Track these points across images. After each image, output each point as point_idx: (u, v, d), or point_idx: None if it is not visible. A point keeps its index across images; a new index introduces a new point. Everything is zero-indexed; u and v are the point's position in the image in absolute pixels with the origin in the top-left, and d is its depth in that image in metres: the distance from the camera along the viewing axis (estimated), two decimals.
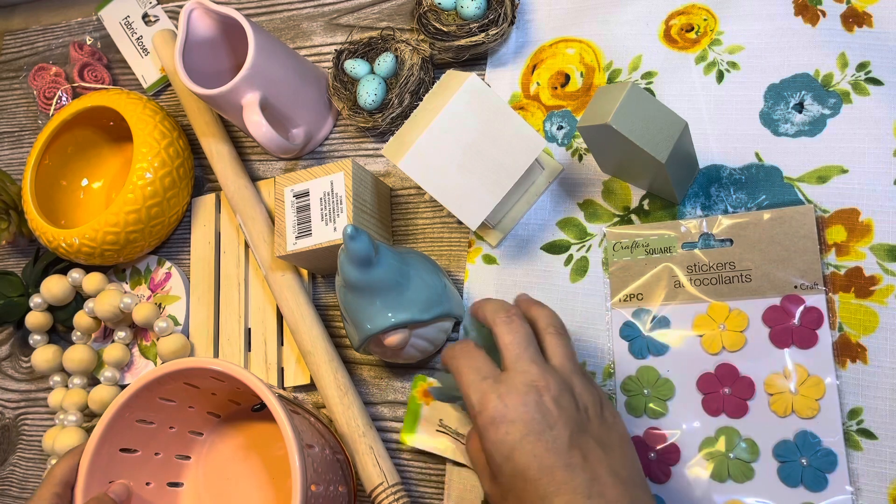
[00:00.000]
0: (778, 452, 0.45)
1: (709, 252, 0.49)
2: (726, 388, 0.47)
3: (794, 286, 0.47)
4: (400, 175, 0.62)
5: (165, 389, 0.52)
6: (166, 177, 0.62)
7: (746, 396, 0.46)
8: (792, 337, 0.46)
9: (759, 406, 0.46)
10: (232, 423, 0.59)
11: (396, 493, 0.52)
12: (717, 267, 0.49)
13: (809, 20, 0.52)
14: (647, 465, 0.48)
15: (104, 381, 0.64)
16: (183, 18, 0.58)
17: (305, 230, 0.55)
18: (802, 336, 0.46)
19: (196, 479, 0.57)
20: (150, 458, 0.54)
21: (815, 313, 0.46)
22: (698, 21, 0.55)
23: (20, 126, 0.80)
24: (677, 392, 0.48)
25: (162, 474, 0.55)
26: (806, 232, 0.47)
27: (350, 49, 0.63)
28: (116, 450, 0.51)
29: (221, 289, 0.64)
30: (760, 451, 0.46)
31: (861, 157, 0.48)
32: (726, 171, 0.51)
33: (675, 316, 0.49)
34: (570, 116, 0.57)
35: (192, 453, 0.58)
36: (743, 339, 0.47)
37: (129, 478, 0.52)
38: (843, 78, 0.50)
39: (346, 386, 0.56)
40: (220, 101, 0.58)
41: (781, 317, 0.47)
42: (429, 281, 0.50)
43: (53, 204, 0.68)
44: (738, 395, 0.47)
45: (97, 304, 0.63)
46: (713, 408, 0.47)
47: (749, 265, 0.48)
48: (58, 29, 0.81)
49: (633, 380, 0.49)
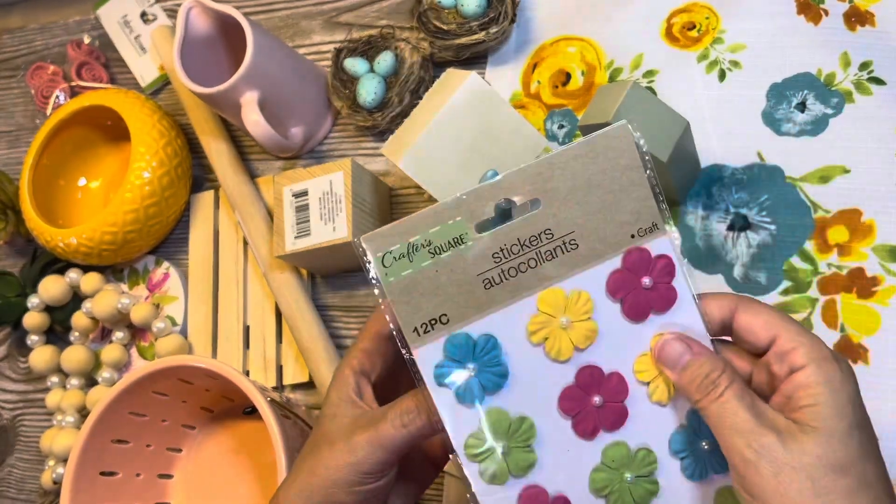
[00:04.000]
0: (676, 448, 0.36)
1: (514, 226, 0.35)
2: (595, 396, 0.36)
3: (632, 235, 0.36)
4: (400, 174, 0.62)
5: (159, 384, 0.52)
6: (164, 176, 0.62)
7: (621, 397, 0.36)
8: (649, 303, 0.36)
9: (638, 403, 0.36)
10: (225, 419, 0.59)
11: None
12: (531, 242, 0.35)
13: (812, 19, 0.51)
14: None
15: (102, 381, 0.64)
16: (181, 17, 0.58)
17: (304, 230, 0.55)
18: (659, 297, 0.36)
19: (186, 472, 0.58)
20: (141, 449, 0.55)
21: (664, 263, 0.36)
22: (700, 19, 0.54)
23: (18, 125, 0.80)
24: (539, 428, 0.36)
25: (153, 466, 0.56)
26: (628, 161, 0.35)
27: (349, 47, 0.63)
28: (108, 440, 0.52)
29: (220, 286, 0.63)
30: (658, 458, 0.36)
31: (864, 157, 0.48)
32: (728, 170, 0.51)
33: (500, 328, 0.36)
34: (571, 115, 0.56)
35: (183, 446, 0.58)
36: (594, 328, 0.36)
37: (120, 468, 0.53)
38: (845, 77, 0.50)
39: None
40: (218, 100, 0.57)
41: (629, 280, 0.36)
42: None
43: (51, 204, 0.67)
44: (610, 399, 0.36)
45: (95, 305, 0.63)
46: (587, 429, 0.36)
47: (570, 227, 0.35)
48: (55, 28, 0.81)
49: (477, 436, 0.35)
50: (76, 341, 0.66)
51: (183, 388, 0.54)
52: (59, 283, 0.66)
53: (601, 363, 0.36)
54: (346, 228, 0.54)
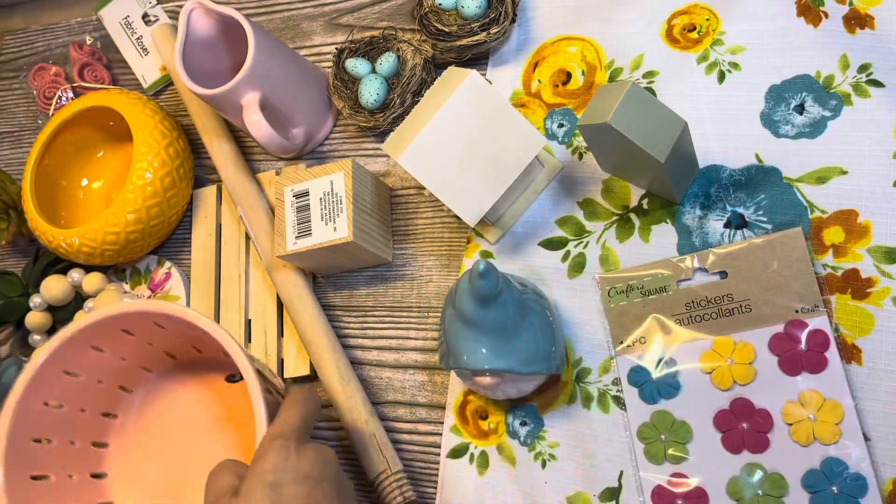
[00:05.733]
0: (808, 483, 0.44)
1: (705, 287, 0.48)
2: (744, 423, 0.46)
3: (796, 311, 0.46)
4: (400, 175, 0.62)
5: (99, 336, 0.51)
6: (166, 177, 0.62)
7: (765, 429, 0.46)
8: (801, 362, 0.46)
9: (779, 438, 0.45)
10: (166, 379, 0.58)
11: (399, 481, 0.52)
12: (715, 301, 0.48)
13: (811, 21, 0.52)
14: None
15: None
16: (183, 18, 0.58)
17: (305, 230, 0.55)
18: (811, 360, 0.45)
19: (122, 439, 0.56)
20: (76, 414, 0.53)
21: (820, 336, 0.46)
22: (700, 21, 0.55)
23: (20, 126, 0.80)
24: (695, 434, 0.47)
25: (87, 433, 0.54)
26: (798, 255, 0.47)
27: (351, 48, 0.63)
28: (41, 402, 0.51)
29: (222, 281, 0.64)
30: (789, 485, 0.44)
31: (861, 158, 0.48)
32: (726, 171, 0.51)
33: (680, 355, 0.48)
34: (571, 114, 0.57)
35: (119, 411, 0.57)
36: (753, 371, 0.47)
37: (54, 435, 0.52)
38: (844, 80, 0.50)
39: (349, 375, 0.56)
40: (220, 101, 0.58)
41: (787, 343, 0.46)
42: (540, 337, 0.47)
43: (53, 204, 0.68)
44: (756, 429, 0.46)
45: (97, 305, 0.63)
46: (734, 445, 0.46)
47: (747, 295, 0.47)
48: (58, 29, 0.81)
49: (649, 426, 0.48)
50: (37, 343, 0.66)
51: (124, 342, 0.53)
52: (62, 283, 0.66)
53: (753, 399, 0.46)
54: (346, 229, 0.54)
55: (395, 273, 0.59)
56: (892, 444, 0.44)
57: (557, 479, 0.50)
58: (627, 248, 0.52)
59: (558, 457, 0.50)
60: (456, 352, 0.47)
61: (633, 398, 0.49)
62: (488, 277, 0.43)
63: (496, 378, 0.47)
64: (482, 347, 0.46)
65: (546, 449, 0.51)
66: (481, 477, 0.52)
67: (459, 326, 0.46)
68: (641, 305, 0.50)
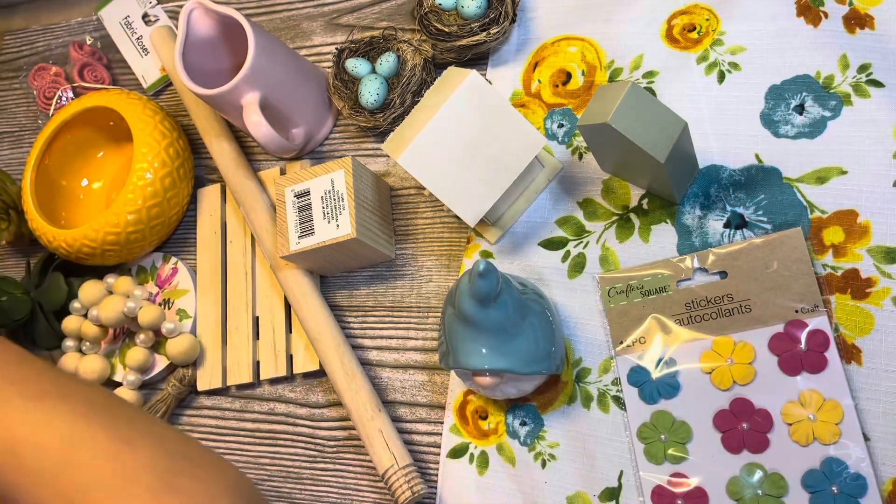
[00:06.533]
0: (808, 483, 0.44)
1: (705, 287, 0.48)
2: (744, 423, 0.46)
3: (796, 311, 0.46)
4: (400, 175, 0.62)
5: None
6: (166, 177, 0.62)
7: (765, 429, 0.46)
8: (801, 363, 0.46)
9: (779, 438, 0.45)
10: None
11: (408, 475, 0.52)
12: (715, 301, 0.48)
13: (811, 21, 0.52)
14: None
15: (126, 384, 0.63)
16: (183, 18, 0.58)
17: (308, 229, 0.55)
18: (811, 361, 0.46)
19: None
20: None
21: (820, 336, 0.46)
22: (700, 21, 0.55)
23: (20, 126, 0.80)
24: (695, 434, 0.47)
25: None
26: (798, 255, 0.47)
27: (351, 48, 0.63)
28: None
29: (228, 279, 0.64)
30: (789, 485, 0.45)
31: (861, 159, 0.48)
32: (726, 171, 0.51)
33: (680, 355, 0.48)
34: (571, 114, 0.57)
35: None
36: (753, 371, 0.47)
37: None
38: (844, 80, 0.50)
39: (354, 371, 0.56)
40: (220, 102, 0.58)
41: (787, 343, 0.46)
42: (540, 337, 0.47)
43: (53, 204, 0.68)
44: (756, 429, 0.46)
45: (101, 311, 0.62)
46: (733, 445, 0.46)
47: (747, 295, 0.47)
48: (58, 29, 0.81)
49: (649, 426, 0.48)
50: (88, 351, 0.65)
51: None
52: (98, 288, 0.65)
53: (753, 399, 0.46)
54: (349, 225, 0.54)
55: (394, 273, 0.59)
56: (891, 444, 0.44)
57: (557, 479, 0.50)
58: (627, 248, 0.52)
59: (558, 457, 0.51)
60: (456, 352, 0.47)
61: (632, 398, 0.49)
62: (488, 277, 0.43)
63: (496, 378, 0.47)
64: (482, 347, 0.46)
65: (546, 449, 0.51)
66: (481, 477, 0.52)
67: (459, 326, 0.47)
68: (641, 305, 0.50)
